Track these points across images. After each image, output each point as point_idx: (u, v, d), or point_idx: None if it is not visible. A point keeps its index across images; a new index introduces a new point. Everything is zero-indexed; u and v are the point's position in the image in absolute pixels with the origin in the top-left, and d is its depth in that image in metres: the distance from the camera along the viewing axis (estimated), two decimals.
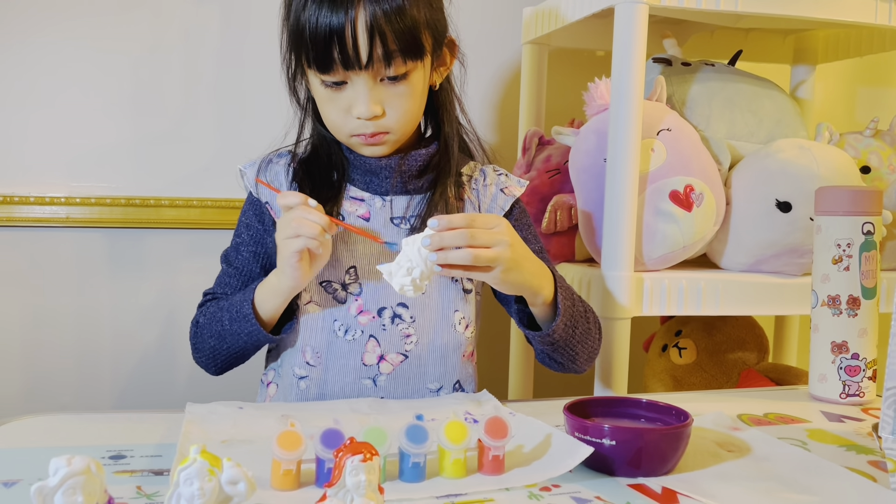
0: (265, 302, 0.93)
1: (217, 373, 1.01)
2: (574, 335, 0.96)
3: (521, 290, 0.92)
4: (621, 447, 0.70)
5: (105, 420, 0.85)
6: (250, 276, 1.01)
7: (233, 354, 0.98)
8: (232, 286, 1.01)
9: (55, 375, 1.45)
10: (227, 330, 0.95)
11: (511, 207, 1.04)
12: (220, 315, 0.96)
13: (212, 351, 0.98)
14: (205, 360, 1.00)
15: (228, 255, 1.03)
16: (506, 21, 1.58)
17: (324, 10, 0.87)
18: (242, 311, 0.93)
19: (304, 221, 0.86)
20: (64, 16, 1.40)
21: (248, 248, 1.01)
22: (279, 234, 0.89)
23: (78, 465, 0.48)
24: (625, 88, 1.12)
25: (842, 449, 0.81)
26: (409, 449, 0.68)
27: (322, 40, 0.88)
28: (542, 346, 0.96)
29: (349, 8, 0.87)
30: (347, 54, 0.88)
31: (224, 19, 1.47)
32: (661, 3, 1.12)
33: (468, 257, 0.82)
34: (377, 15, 0.87)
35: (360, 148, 0.97)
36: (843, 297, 0.97)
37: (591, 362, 1.02)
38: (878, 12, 1.20)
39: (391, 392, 0.97)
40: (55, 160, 1.42)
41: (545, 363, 1.02)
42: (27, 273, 1.43)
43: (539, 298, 0.92)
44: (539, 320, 0.96)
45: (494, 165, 1.08)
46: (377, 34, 0.87)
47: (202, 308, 1.01)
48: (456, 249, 0.82)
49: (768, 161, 1.20)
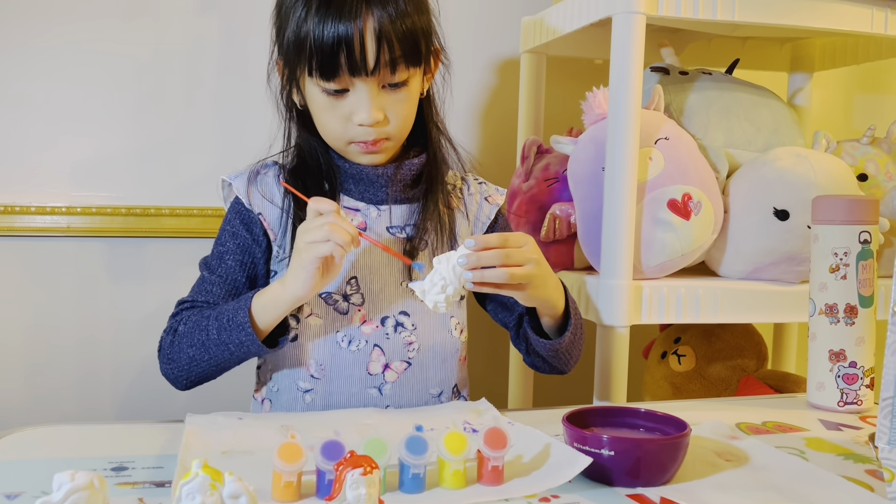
0: (264, 312, 0.90)
1: (186, 387, 0.96)
2: (574, 342, 1.00)
3: (543, 304, 0.94)
4: (620, 457, 0.71)
5: (106, 431, 0.85)
6: (235, 285, 0.98)
7: (212, 367, 0.93)
8: (215, 294, 0.97)
9: (56, 384, 1.45)
10: (213, 340, 0.91)
11: (496, 217, 1.07)
12: (205, 324, 0.92)
13: (189, 362, 0.93)
14: (177, 371, 0.94)
15: (210, 263, 1.00)
16: (504, 30, 1.58)
17: (330, 19, 0.88)
18: (236, 320, 0.90)
19: (338, 228, 0.84)
20: (65, 24, 1.41)
21: (234, 257, 0.98)
22: (304, 236, 0.86)
23: (81, 480, 0.48)
24: (622, 98, 1.12)
25: (840, 458, 0.81)
26: (408, 460, 0.68)
27: (329, 48, 0.89)
28: (546, 352, 0.98)
29: (357, 16, 0.88)
30: (355, 61, 0.89)
31: (225, 28, 1.47)
32: (659, 13, 1.13)
33: (504, 276, 0.85)
34: (384, 22, 0.89)
35: (357, 156, 0.98)
36: (841, 306, 0.97)
37: (576, 363, 1.05)
38: (874, 21, 1.21)
39: (396, 400, 0.97)
40: (56, 170, 1.43)
41: (535, 365, 1.05)
42: (28, 282, 1.43)
43: (555, 311, 0.96)
44: (547, 329, 0.99)
45: (473, 174, 1.10)
46: (385, 41, 0.89)
47: (179, 317, 0.96)
48: (491, 268, 0.84)
49: (766, 169, 1.21)
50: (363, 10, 0.88)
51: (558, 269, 1.32)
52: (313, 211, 0.88)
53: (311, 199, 0.88)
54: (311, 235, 0.85)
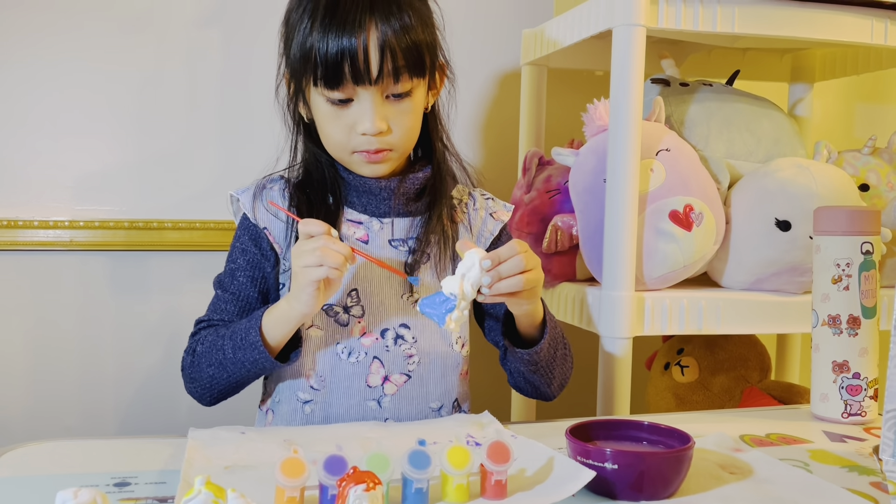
0: (274, 329, 0.91)
1: (211, 403, 0.99)
2: (555, 357, 1.00)
3: (535, 308, 0.94)
4: (623, 471, 0.71)
5: (108, 446, 0.85)
6: (248, 302, 1.00)
7: (232, 384, 0.96)
8: (229, 312, 0.99)
9: (60, 397, 1.45)
10: (230, 359, 0.93)
11: (500, 233, 1.07)
12: (221, 343, 0.94)
13: (210, 380, 0.95)
14: (200, 390, 0.97)
15: (223, 281, 1.01)
16: (505, 43, 1.59)
17: (334, 30, 0.90)
18: (249, 339, 0.91)
19: (329, 251, 0.85)
20: (68, 39, 1.42)
21: (245, 273, 1.00)
22: (298, 260, 0.88)
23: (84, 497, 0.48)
24: (623, 109, 1.13)
25: (844, 470, 0.81)
26: (411, 475, 0.68)
27: (333, 57, 0.90)
28: (525, 365, 0.98)
29: (361, 27, 0.89)
30: (358, 70, 0.90)
31: (227, 42, 1.48)
32: (659, 25, 1.13)
33: (521, 283, 0.85)
34: (388, 32, 0.90)
35: (360, 167, 0.98)
36: (844, 317, 0.97)
37: (562, 389, 1.05)
38: (874, 32, 1.21)
39: (395, 413, 0.97)
40: (59, 184, 1.43)
41: (518, 386, 1.05)
42: (31, 296, 1.44)
43: (536, 319, 0.96)
44: (526, 339, 0.99)
45: (481, 189, 1.10)
46: (388, 50, 0.90)
47: (197, 336, 0.98)
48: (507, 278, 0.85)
49: (767, 180, 1.21)
50: (367, 22, 0.90)
51: (560, 280, 1.32)
52: (304, 234, 0.89)
53: (302, 222, 0.89)
54: (304, 260, 0.86)
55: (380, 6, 0.91)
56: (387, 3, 0.91)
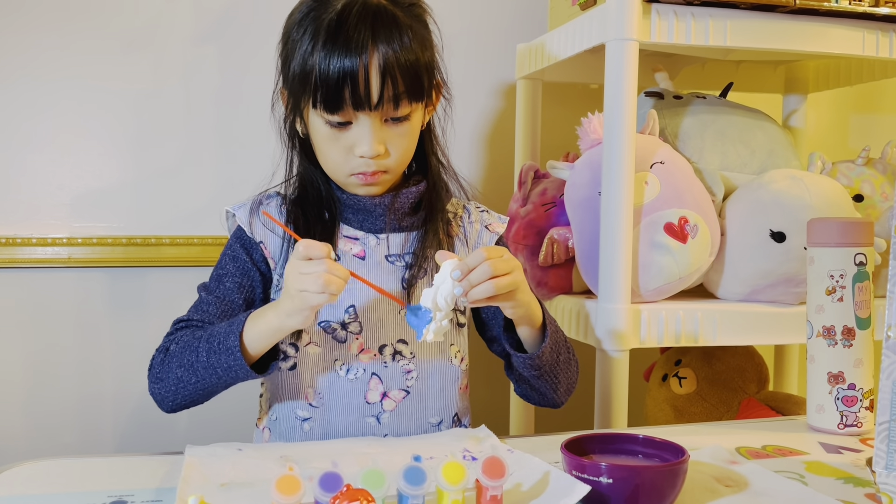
0: (258, 339, 0.89)
1: (172, 409, 0.95)
2: (558, 361, 0.99)
3: (527, 310, 0.93)
4: (618, 485, 0.71)
5: (106, 464, 0.85)
6: (231, 307, 0.98)
7: (199, 390, 0.92)
8: (210, 313, 0.97)
9: (57, 415, 1.45)
10: (202, 362, 0.90)
11: (495, 245, 1.07)
12: (195, 345, 0.91)
13: (176, 383, 0.92)
14: (163, 392, 0.93)
15: (208, 286, 1.00)
16: (500, 57, 1.60)
17: (336, 54, 0.89)
18: (226, 344, 0.88)
19: (333, 279, 0.83)
20: (65, 56, 1.43)
21: (233, 279, 0.99)
22: (297, 283, 0.84)
23: None
24: (617, 123, 1.13)
25: (839, 482, 0.81)
26: (407, 491, 0.68)
27: (334, 82, 0.90)
28: (529, 370, 0.97)
29: (363, 51, 0.89)
30: (359, 95, 0.90)
31: (223, 60, 1.49)
32: (651, 39, 1.14)
33: (490, 289, 0.85)
34: (390, 58, 0.90)
35: (355, 188, 0.99)
36: (838, 328, 0.97)
37: (569, 394, 1.04)
38: (866, 44, 1.22)
39: (394, 428, 0.97)
40: (56, 201, 1.44)
41: (525, 394, 1.05)
42: (29, 314, 1.44)
43: (535, 322, 0.95)
44: (527, 345, 0.98)
45: (476, 202, 1.10)
46: (389, 76, 0.90)
47: (173, 336, 0.96)
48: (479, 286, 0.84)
49: (761, 192, 1.22)
50: (369, 46, 0.89)
51: (557, 293, 1.32)
52: (304, 255, 0.84)
53: (301, 242, 0.85)
54: (304, 284, 0.83)
55: (382, 32, 0.90)
56: (388, 29, 0.91)
